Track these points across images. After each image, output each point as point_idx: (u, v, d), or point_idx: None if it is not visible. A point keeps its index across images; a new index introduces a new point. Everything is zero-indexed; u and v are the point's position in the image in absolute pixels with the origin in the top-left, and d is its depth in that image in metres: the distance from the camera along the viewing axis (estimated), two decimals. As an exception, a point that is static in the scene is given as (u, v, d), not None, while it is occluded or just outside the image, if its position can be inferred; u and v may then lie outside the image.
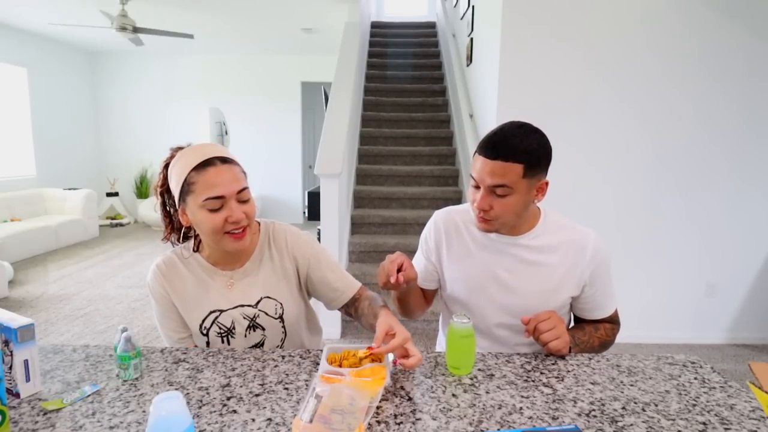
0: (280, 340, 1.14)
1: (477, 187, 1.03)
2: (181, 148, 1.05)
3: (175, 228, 1.10)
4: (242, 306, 1.09)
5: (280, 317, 1.11)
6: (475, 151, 1.03)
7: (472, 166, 1.04)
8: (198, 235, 1.10)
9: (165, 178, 1.06)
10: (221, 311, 1.08)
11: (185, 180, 0.98)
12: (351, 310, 1.15)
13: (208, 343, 1.09)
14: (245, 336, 1.10)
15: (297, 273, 1.15)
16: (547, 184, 1.05)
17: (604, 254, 1.10)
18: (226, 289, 1.09)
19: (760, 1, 2.71)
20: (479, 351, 1.00)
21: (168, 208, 1.09)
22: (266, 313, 1.10)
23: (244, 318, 1.09)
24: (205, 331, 1.08)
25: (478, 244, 1.14)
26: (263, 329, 1.11)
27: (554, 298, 1.10)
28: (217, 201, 0.97)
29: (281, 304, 1.11)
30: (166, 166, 1.05)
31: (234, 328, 1.09)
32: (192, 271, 1.10)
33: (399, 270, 0.99)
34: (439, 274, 1.23)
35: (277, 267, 1.12)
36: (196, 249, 1.11)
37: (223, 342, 1.09)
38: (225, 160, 1.00)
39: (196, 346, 1.12)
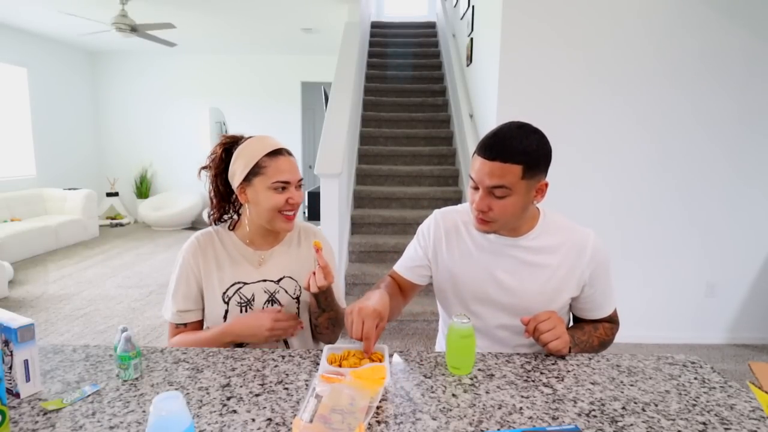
0: None
1: (476, 188, 1.03)
2: (234, 137, 1.19)
3: (222, 206, 1.21)
4: (265, 281, 1.19)
5: (297, 298, 1.21)
6: (474, 152, 1.03)
7: (471, 166, 1.03)
8: (233, 217, 1.23)
9: (222, 161, 1.17)
10: (245, 284, 1.17)
11: (257, 163, 1.11)
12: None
13: (226, 312, 1.15)
14: (262, 309, 1.17)
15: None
16: (546, 185, 1.04)
17: (603, 254, 1.10)
18: (255, 266, 1.19)
19: (760, 1, 2.71)
20: (479, 351, 1.00)
21: (220, 188, 1.19)
22: (286, 291, 1.20)
23: (265, 292, 1.18)
24: (226, 299, 1.16)
25: (477, 245, 1.14)
26: (280, 305, 1.19)
27: (554, 298, 1.10)
28: (283, 184, 1.12)
29: (300, 287, 1.21)
30: (225, 151, 1.17)
31: (253, 299, 1.17)
32: (226, 247, 1.20)
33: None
34: (432, 270, 1.22)
35: (303, 256, 1.24)
36: (232, 228, 1.22)
37: (241, 312, 1.16)
38: (290, 153, 1.17)
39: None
